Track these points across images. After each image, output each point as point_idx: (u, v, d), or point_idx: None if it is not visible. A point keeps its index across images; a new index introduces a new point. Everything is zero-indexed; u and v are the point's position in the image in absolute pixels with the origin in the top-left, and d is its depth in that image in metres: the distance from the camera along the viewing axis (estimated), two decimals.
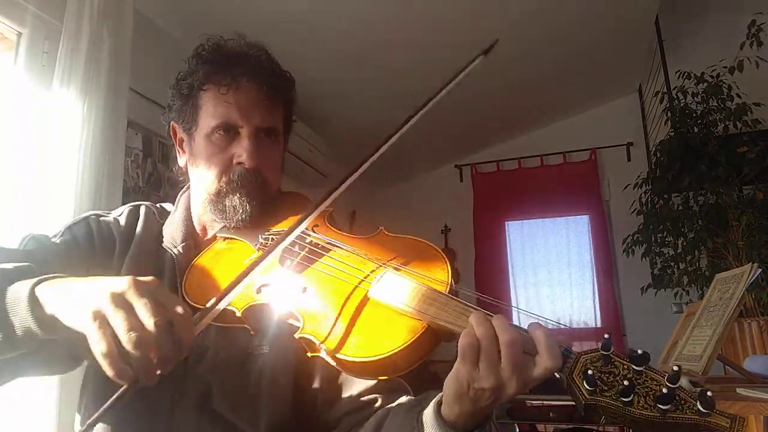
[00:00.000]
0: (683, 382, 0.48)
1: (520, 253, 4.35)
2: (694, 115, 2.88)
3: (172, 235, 0.88)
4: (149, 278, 0.58)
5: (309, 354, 0.66)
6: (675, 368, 0.48)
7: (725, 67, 2.73)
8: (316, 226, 0.82)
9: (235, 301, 0.71)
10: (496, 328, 0.55)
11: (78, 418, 0.83)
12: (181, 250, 0.86)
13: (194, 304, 0.73)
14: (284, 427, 0.79)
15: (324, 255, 0.74)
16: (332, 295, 0.68)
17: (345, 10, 2.49)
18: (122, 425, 0.77)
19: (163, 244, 0.87)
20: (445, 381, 0.58)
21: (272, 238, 0.80)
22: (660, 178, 3.03)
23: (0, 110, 1.52)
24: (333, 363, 0.62)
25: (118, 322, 0.52)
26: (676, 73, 2.99)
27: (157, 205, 0.96)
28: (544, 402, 3.89)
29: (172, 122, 0.90)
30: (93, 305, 0.54)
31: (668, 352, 1.70)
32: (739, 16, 2.82)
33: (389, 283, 0.64)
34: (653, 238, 3.05)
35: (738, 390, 1.32)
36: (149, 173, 2.10)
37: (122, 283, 0.56)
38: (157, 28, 2.19)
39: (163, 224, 0.91)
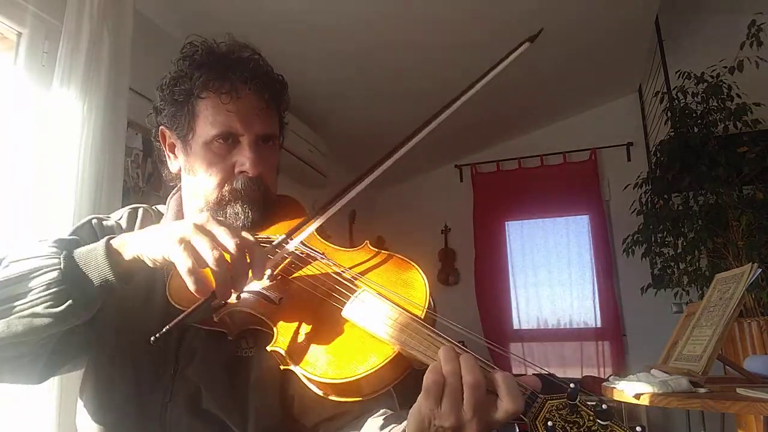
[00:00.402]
0: None
1: (520, 253, 4.35)
2: (694, 115, 2.88)
3: None
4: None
5: (281, 367, 0.65)
6: (638, 429, 0.48)
7: (725, 67, 2.73)
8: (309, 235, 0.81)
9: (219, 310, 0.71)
10: (462, 368, 0.54)
11: (78, 422, 0.82)
12: None
13: (177, 305, 0.72)
14: (273, 428, 0.79)
15: (303, 267, 0.73)
16: (306, 310, 0.67)
17: (345, 10, 2.49)
18: (117, 428, 0.77)
19: None
20: (408, 413, 0.57)
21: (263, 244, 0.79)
22: (660, 178, 3.02)
23: (0, 110, 1.52)
24: (302, 378, 0.61)
25: (203, 243, 0.61)
26: (676, 73, 2.99)
27: (154, 208, 0.96)
28: None
29: (161, 126, 0.89)
30: (179, 233, 0.62)
31: (668, 352, 1.70)
32: (739, 16, 2.82)
33: (364, 304, 0.63)
34: (653, 238, 3.05)
35: (738, 390, 1.32)
36: (149, 173, 2.10)
37: (202, 216, 0.65)
38: (157, 28, 2.19)
39: None
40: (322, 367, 0.60)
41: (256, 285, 0.70)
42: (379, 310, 0.61)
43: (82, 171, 1.56)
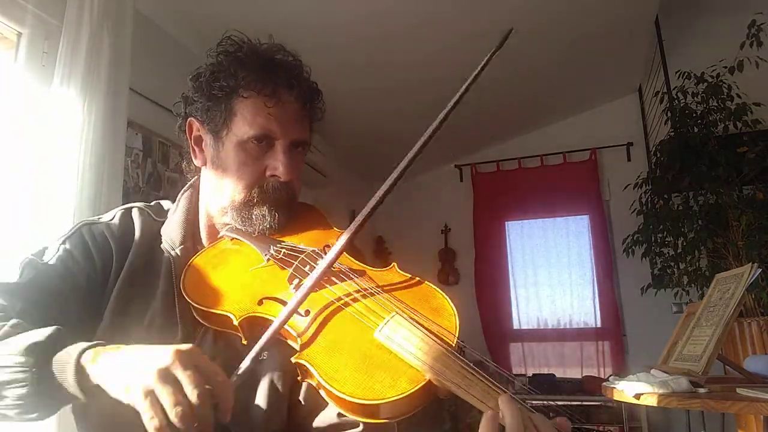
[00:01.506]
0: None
1: (520, 253, 4.35)
2: (694, 115, 2.88)
3: (170, 236, 0.86)
4: (188, 347, 0.61)
5: (299, 379, 0.64)
6: None
7: (725, 67, 2.73)
8: (328, 246, 0.80)
9: (233, 309, 0.70)
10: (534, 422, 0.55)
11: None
12: (179, 253, 0.84)
13: (192, 302, 0.72)
14: None
15: (336, 282, 0.72)
16: (336, 327, 0.66)
17: (345, 13, 2.49)
18: None
19: (162, 246, 0.85)
20: None
21: (285, 252, 0.79)
22: (660, 178, 3.03)
23: (0, 110, 1.52)
24: (324, 394, 0.61)
25: (166, 398, 0.57)
26: (676, 73, 2.99)
27: (152, 203, 0.93)
28: (544, 402, 3.89)
29: (190, 118, 0.87)
30: (143, 383, 0.58)
31: (668, 352, 1.70)
32: (739, 16, 2.82)
33: (397, 327, 0.62)
34: (653, 238, 3.05)
35: (738, 390, 1.32)
36: (149, 173, 2.10)
37: (166, 357, 0.59)
38: (157, 28, 2.19)
39: (161, 223, 0.89)
40: (349, 387, 0.59)
41: (286, 300, 0.70)
42: (413, 336, 0.61)
43: (82, 171, 1.56)
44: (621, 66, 3.71)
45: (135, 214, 0.90)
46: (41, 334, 0.65)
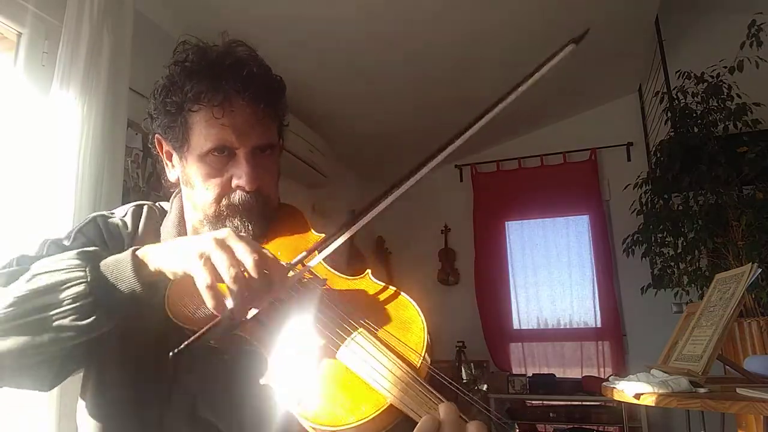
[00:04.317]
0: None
1: (520, 253, 4.35)
2: (694, 115, 2.88)
3: (167, 238, 0.87)
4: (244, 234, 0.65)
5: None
6: None
7: (725, 67, 2.73)
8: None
9: (205, 323, 0.68)
10: None
11: (78, 421, 0.82)
12: None
13: (174, 320, 0.70)
14: None
15: (298, 298, 0.70)
16: (301, 347, 0.64)
17: (344, 12, 2.49)
18: None
19: None
20: None
21: None
22: (660, 179, 3.03)
23: (0, 110, 1.52)
24: (296, 416, 0.59)
25: (221, 259, 0.60)
26: (676, 73, 2.99)
27: (158, 205, 0.94)
28: (544, 402, 3.89)
29: (157, 135, 0.85)
30: (199, 248, 0.62)
31: (668, 352, 1.70)
32: (739, 16, 2.82)
33: (359, 349, 0.60)
34: (653, 238, 3.05)
35: (738, 390, 1.32)
36: (149, 173, 2.10)
37: (223, 231, 0.64)
38: (157, 28, 2.19)
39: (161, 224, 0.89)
40: (312, 411, 0.57)
41: (254, 310, 0.68)
42: (373, 357, 0.59)
43: (82, 171, 1.56)
44: (621, 66, 3.71)
45: (144, 211, 0.90)
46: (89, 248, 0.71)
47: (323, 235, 0.82)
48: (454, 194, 4.55)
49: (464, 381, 3.84)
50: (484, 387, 3.97)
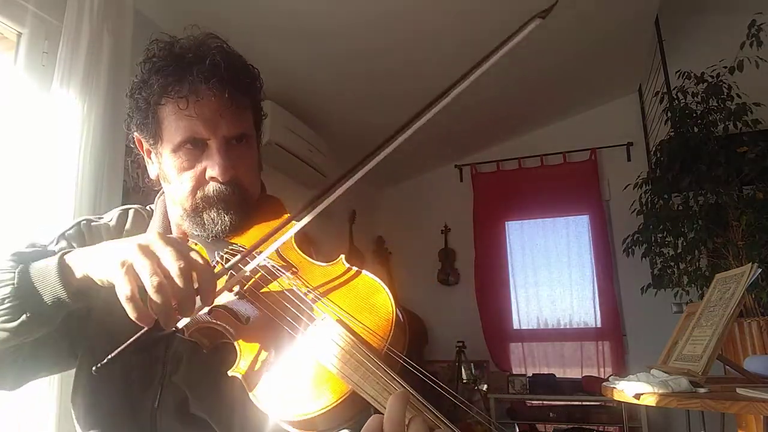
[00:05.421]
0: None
1: (520, 253, 4.35)
2: (694, 115, 2.88)
3: None
4: (174, 235, 0.61)
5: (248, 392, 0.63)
6: None
7: (725, 67, 2.73)
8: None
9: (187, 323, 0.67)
10: (410, 428, 0.49)
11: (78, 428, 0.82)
12: None
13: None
14: (260, 430, 0.78)
15: (271, 282, 0.69)
16: (268, 334, 0.63)
17: (345, 11, 2.49)
18: None
19: None
20: None
21: (228, 254, 0.75)
22: (660, 178, 3.02)
23: (0, 110, 1.52)
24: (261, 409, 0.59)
25: (143, 267, 0.57)
26: (676, 73, 2.99)
27: (147, 208, 0.94)
28: (544, 402, 3.89)
29: (135, 133, 0.85)
30: (122, 256, 0.58)
31: (668, 352, 1.70)
32: (739, 16, 2.82)
33: (322, 335, 0.59)
34: (653, 238, 3.05)
35: (738, 390, 1.32)
36: None
37: (149, 236, 0.61)
38: (157, 28, 2.19)
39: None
40: (275, 401, 0.57)
41: (227, 298, 0.67)
42: (336, 343, 0.57)
43: (82, 171, 1.56)
44: (621, 66, 3.71)
45: (131, 214, 0.91)
46: (28, 248, 0.69)
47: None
48: (454, 194, 4.55)
49: (464, 381, 3.84)
50: (484, 387, 3.97)
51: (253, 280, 0.70)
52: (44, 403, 1.40)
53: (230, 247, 0.78)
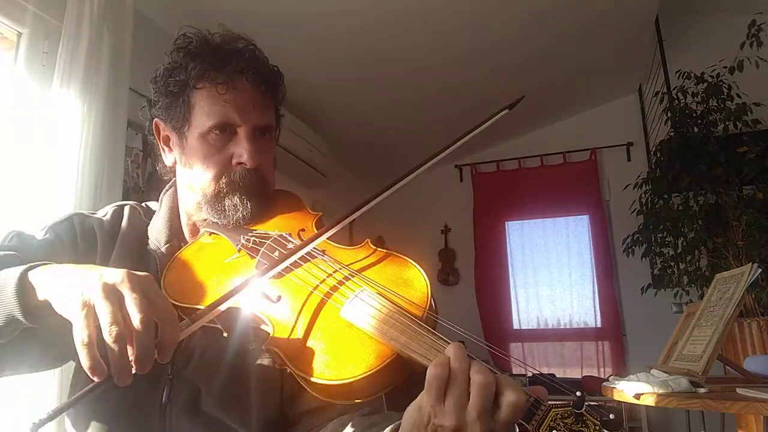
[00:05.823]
0: None
1: (520, 253, 4.35)
2: (694, 115, 2.88)
3: (156, 236, 0.86)
4: (144, 273, 0.58)
5: (278, 366, 0.64)
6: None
7: (725, 67, 2.73)
8: (302, 230, 0.80)
9: (206, 303, 0.68)
10: (472, 368, 0.50)
11: (68, 427, 0.81)
12: (164, 252, 0.84)
13: (173, 301, 0.70)
14: (277, 423, 0.78)
15: (302, 264, 0.71)
16: (304, 310, 0.65)
17: (346, 14, 2.49)
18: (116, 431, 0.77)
19: (149, 247, 0.85)
20: (406, 409, 0.55)
21: (254, 240, 0.77)
22: (660, 178, 3.02)
23: (0, 110, 1.52)
24: (299, 380, 0.60)
25: (104, 313, 0.52)
26: (676, 73, 2.99)
27: (143, 204, 0.93)
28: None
29: (155, 119, 0.87)
30: (84, 294, 0.54)
31: (668, 352, 1.70)
32: (739, 16, 2.82)
33: (362, 304, 0.61)
34: (653, 238, 3.05)
35: (738, 390, 1.32)
36: (149, 173, 2.10)
37: (117, 275, 0.56)
38: (157, 28, 2.19)
39: (148, 224, 0.89)
40: (318, 368, 0.59)
41: (256, 282, 0.68)
42: (378, 311, 0.60)
43: (82, 171, 1.56)
44: (621, 66, 3.71)
45: (126, 211, 0.90)
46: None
47: (320, 213, 0.85)
48: (454, 194, 4.55)
49: None
50: None
51: (285, 264, 0.71)
52: (45, 396, 1.39)
53: (253, 233, 0.79)
